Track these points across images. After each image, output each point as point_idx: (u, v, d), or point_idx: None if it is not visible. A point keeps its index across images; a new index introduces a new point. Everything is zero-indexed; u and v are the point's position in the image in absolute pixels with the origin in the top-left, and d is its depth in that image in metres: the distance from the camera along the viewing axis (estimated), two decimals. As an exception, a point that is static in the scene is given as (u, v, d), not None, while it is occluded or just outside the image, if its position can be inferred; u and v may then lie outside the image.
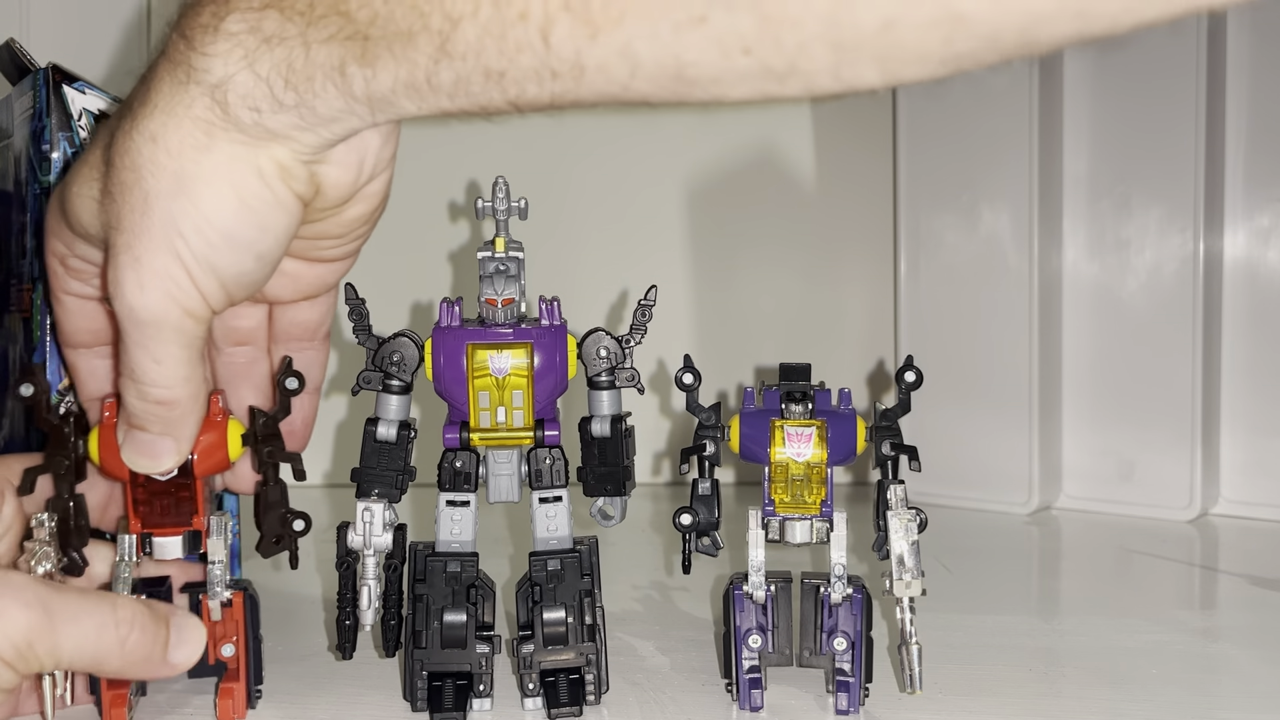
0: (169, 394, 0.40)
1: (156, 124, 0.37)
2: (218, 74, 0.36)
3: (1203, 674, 0.51)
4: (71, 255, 0.43)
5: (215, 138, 0.37)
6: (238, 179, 0.37)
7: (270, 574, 0.60)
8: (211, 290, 0.39)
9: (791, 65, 0.31)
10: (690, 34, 0.31)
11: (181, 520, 0.44)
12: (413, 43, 0.34)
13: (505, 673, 0.48)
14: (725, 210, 0.97)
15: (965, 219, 0.86)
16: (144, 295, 0.38)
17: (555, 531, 0.46)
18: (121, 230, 0.38)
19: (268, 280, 0.41)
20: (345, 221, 0.42)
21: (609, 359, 0.47)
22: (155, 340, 0.39)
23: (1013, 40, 0.29)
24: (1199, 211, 0.80)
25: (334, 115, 0.37)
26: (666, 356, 0.88)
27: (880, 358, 0.97)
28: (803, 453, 0.45)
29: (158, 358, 0.39)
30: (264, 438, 0.44)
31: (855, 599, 0.45)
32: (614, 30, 0.31)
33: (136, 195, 0.37)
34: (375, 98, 0.36)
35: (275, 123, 0.37)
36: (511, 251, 0.46)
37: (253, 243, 0.39)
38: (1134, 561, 0.72)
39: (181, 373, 0.40)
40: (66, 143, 0.50)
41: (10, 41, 0.55)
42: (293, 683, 0.48)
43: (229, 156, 0.37)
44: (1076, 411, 0.86)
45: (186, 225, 0.37)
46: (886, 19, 0.29)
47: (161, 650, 0.41)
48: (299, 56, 0.35)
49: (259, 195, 0.38)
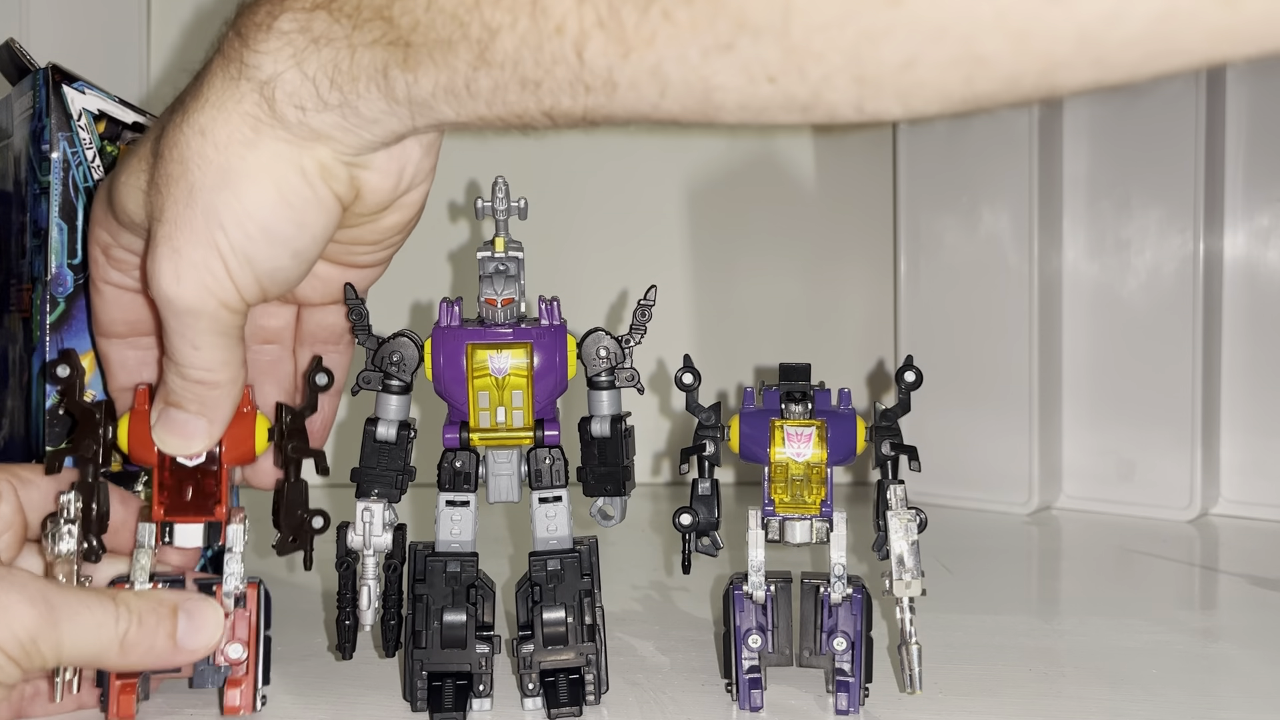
0: (210, 375, 0.42)
1: (206, 118, 0.38)
2: (267, 71, 0.37)
3: (1203, 674, 0.51)
4: (115, 245, 0.44)
5: (261, 134, 0.38)
6: (280, 176, 0.38)
7: (270, 574, 0.60)
8: (247, 283, 0.40)
9: (815, 96, 0.32)
10: (718, 60, 0.32)
11: (204, 509, 0.44)
12: (453, 50, 0.35)
13: (505, 673, 0.48)
14: (725, 210, 0.97)
15: (965, 219, 0.86)
16: (180, 286, 0.39)
17: (555, 531, 0.46)
18: (164, 221, 0.39)
19: (302, 278, 0.42)
20: (381, 229, 0.44)
21: (609, 359, 0.47)
22: (192, 329, 0.40)
23: (1032, 84, 0.30)
24: (1199, 211, 0.80)
25: (376, 117, 0.38)
26: (666, 356, 0.88)
27: (880, 358, 0.97)
28: (802, 453, 0.45)
29: (196, 345, 0.41)
30: (289, 433, 0.45)
31: (855, 599, 0.45)
32: (645, 50, 0.32)
33: (181, 187, 0.39)
34: (416, 101, 0.37)
35: (319, 122, 0.38)
36: (511, 251, 0.46)
37: (291, 239, 0.40)
38: (1134, 561, 0.72)
39: (220, 357, 0.41)
40: (66, 143, 0.50)
41: (10, 41, 0.54)
42: (293, 683, 0.48)
43: (273, 154, 0.38)
44: (1076, 411, 0.86)
45: (228, 218, 0.38)
46: (908, 58, 0.30)
47: (167, 640, 0.41)
48: (345, 58, 0.36)
49: (300, 193, 0.39)
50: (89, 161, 0.51)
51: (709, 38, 0.31)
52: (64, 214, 0.50)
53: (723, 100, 0.33)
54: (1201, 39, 0.28)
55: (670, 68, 0.32)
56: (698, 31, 0.31)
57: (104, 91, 0.52)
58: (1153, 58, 0.29)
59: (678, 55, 0.32)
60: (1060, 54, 0.29)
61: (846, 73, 0.31)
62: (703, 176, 0.96)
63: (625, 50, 0.32)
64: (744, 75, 0.32)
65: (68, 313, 0.50)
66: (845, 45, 0.30)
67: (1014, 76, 0.30)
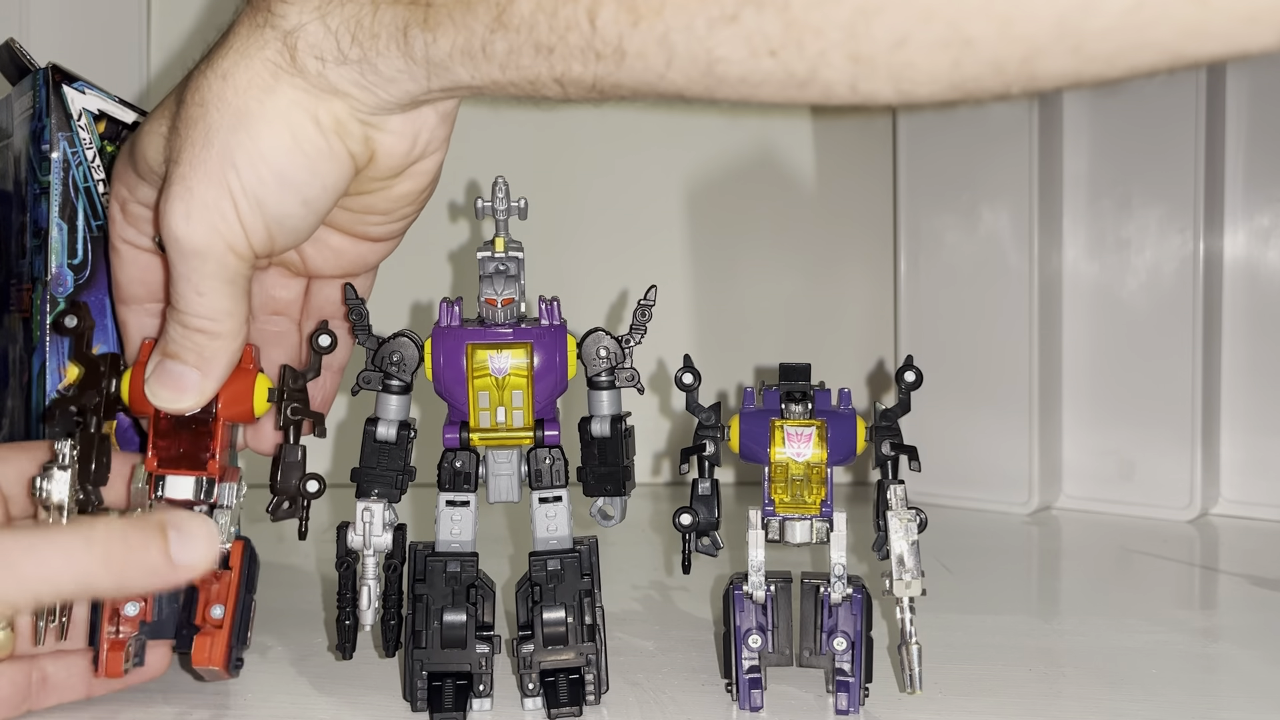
0: (211, 325, 0.42)
1: (229, 63, 0.39)
2: (292, 21, 0.38)
3: (1203, 674, 0.51)
4: (132, 200, 0.45)
5: (280, 81, 0.39)
6: (296, 122, 0.39)
7: (271, 574, 0.60)
8: (256, 228, 0.40)
9: (813, 72, 0.33)
10: (722, 30, 0.33)
11: (197, 463, 0.44)
12: (472, 12, 0.36)
13: (505, 673, 0.48)
14: (725, 210, 0.97)
15: (965, 219, 0.86)
16: (189, 225, 0.40)
17: (555, 531, 0.46)
18: (180, 162, 0.40)
19: (311, 232, 0.43)
20: (394, 197, 0.44)
21: (609, 359, 0.47)
22: (198, 272, 0.41)
23: (1015, 70, 0.31)
24: (1199, 211, 0.80)
25: (393, 75, 0.38)
26: (666, 356, 0.88)
27: (880, 358, 0.97)
28: (802, 453, 0.45)
29: (200, 290, 0.41)
30: (290, 394, 0.45)
31: (855, 599, 0.45)
32: (654, 19, 0.34)
33: (199, 129, 0.39)
34: (433, 61, 0.38)
35: (337, 76, 0.39)
36: (511, 251, 0.46)
37: (302, 186, 0.40)
38: (1134, 561, 0.72)
39: (224, 306, 0.42)
40: (66, 143, 0.50)
41: (10, 41, 0.55)
42: (293, 683, 0.48)
43: (291, 101, 0.39)
44: (1076, 411, 0.86)
45: (241, 158, 0.39)
46: (900, 36, 0.31)
47: (161, 556, 0.39)
48: (367, 15, 0.38)
49: (314, 141, 0.40)
50: (89, 161, 0.51)
51: (715, 9, 0.33)
52: (64, 214, 0.50)
53: (725, 73, 0.34)
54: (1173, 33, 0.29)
55: (677, 37, 0.34)
56: (704, 2, 0.33)
57: (104, 91, 0.52)
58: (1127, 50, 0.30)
59: (684, 25, 0.33)
60: (1040, 40, 0.30)
61: (842, 49, 0.32)
62: (703, 176, 0.96)
63: (635, 19, 0.34)
64: (746, 47, 0.33)
65: (68, 313, 0.50)
66: (841, 20, 0.31)
67: (998, 61, 0.31)
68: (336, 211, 0.45)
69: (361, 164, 0.41)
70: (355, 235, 0.46)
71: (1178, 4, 0.28)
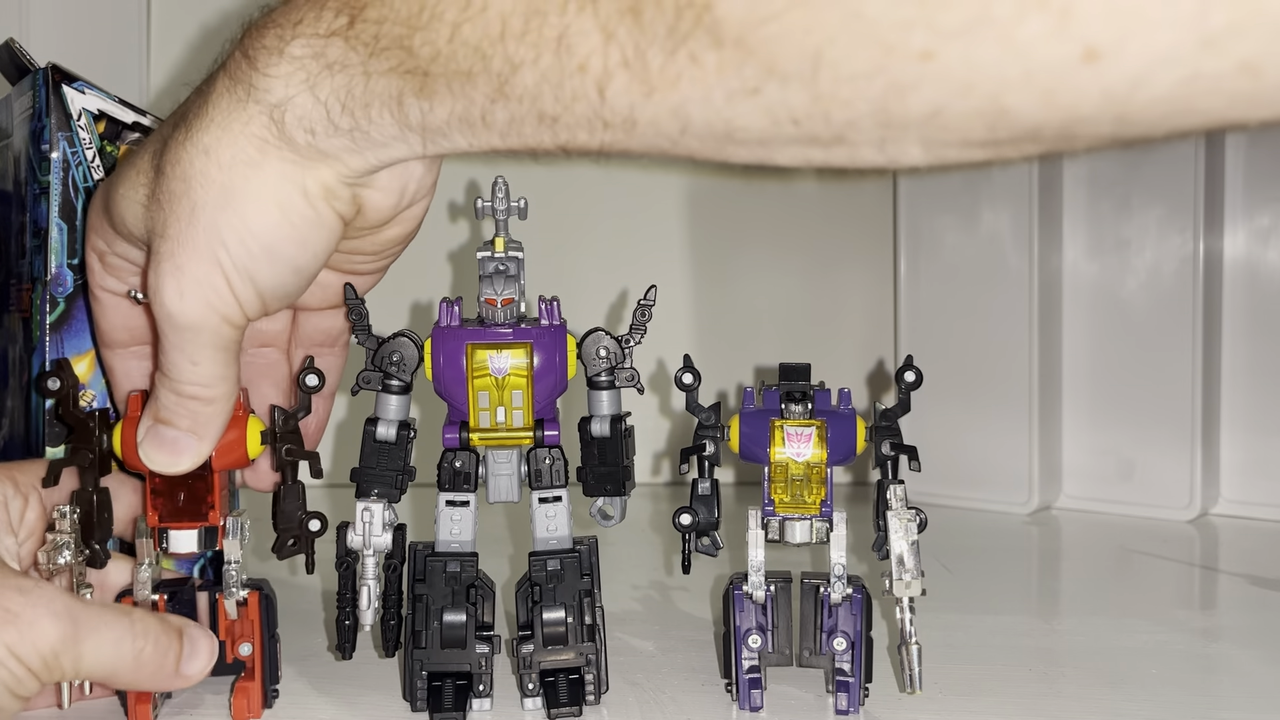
0: (205, 391, 0.42)
1: (211, 138, 0.38)
2: (278, 95, 0.37)
3: (1203, 674, 0.51)
4: (111, 253, 0.44)
5: (267, 155, 0.38)
6: (283, 197, 0.39)
7: (271, 574, 0.60)
8: (249, 299, 0.40)
9: (838, 137, 0.32)
10: (743, 103, 0.31)
11: (197, 515, 0.44)
12: (472, 82, 0.35)
13: (505, 673, 0.48)
14: (725, 210, 0.97)
15: (965, 219, 0.86)
16: (183, 302, 0.39)
17: (555, 531, 0.46)
18: (166, 238, 0.39)
19: (303, 292, 0.43)
20: (381, 241, 0.44)
21: (609, 359, 0.47)
22: (192, 344, 0.40)
23: (1053, 135, 0.30)
24: (1199, 211, 0.80)
25: (386, 141, 0.38)
26: (666, 356, 0.88)
27: (880, 358, 0.97)
28: (802, 453, 0.45)
29: (195, 360, 0.41)
30: (283, 436, 0.45)
31: (855, 599, 0.45)
32: (669, 91, 0.32)
33: (184, 205, 0.39)
34: (429, 128, 0.37)
35: (328, 145, 0.38)
36: (511, 251, 0.46)
37: (292, 258, 0.40)
38: (1134, 561, 0.72)
39: (217, 372, 0.41)
40: (66, 143, 0.50)
41: (10, 41, 0.54)
42: (293, 683, 0.48)
43: (278, 175, 0.38)
44: (1076, 411, 0.86)
45: (230, 236, 0.39)
46: (935, 108, 0.30)
47: (174, 662, 0.42)
48: (359, 84, 0.36)
49: (302, 213, 0.39)
50: (89, 161, 0.51)
51: (735, 82, 0.31)
52: (64, 214, 0.50)
53: (744, 139, 0.33)
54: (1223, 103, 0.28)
55: (693, 108, 0.32)
56: (724, 76, 0.31)
57: (104, 91, 0.52)
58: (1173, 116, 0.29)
59: (702, 97, 0.32)
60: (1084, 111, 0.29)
61: (872, 118, 0.31)
62: (703, 176, 0.96)
63: (648, 90, 0.32)
64: (768, 118, 0.31)
65: (68, 313, 0.50)
66: (873, 95, 0.30)
67: (1036, 128, 0.30)
68: None
69: (349, 219, 0.41)
70: (343, 271, 0.46)
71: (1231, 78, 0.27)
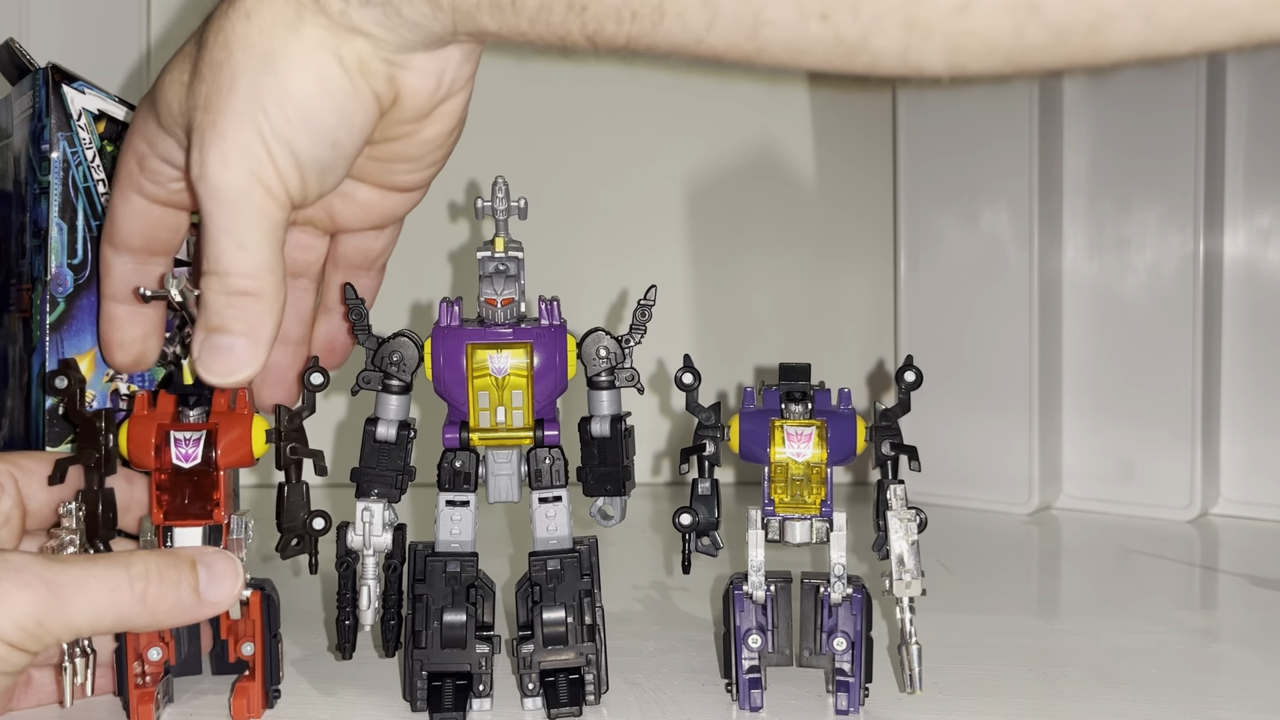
0: (254, 284, 0.40)
1: (252, 2, 0.38)
2: None
3: (1203, 674, 0.51)
4: (152, 154, 0.44)
5: (304, 19, 0.38)
6: (321, 63, 0.38)
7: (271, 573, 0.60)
8: (289, 171, 0.39)
9: (863, 38, 0.31)
10: None
11: (202, 513, 0.44)
12: None
13: (505, 673, 0.48)
14: (725, 210, 0.97)
15: (965, 219, 0.86)
16: (228, 171, 0.39)
17: (555, 531, 0.46)
18: (208, 109, 0.39)
19: (341, 179, 0.42)
20: (421, 142, 0.43)
21: (609, 359, 0.47)
22: (239, 222, 0.39)
23: (1080, 39, 0.29)
24: (1199, 211, 0.80)
25: (417, 20, 0.38)
26: (666, 356, 0.88)
27: (880, 358, 0.97)
28: (802, 453, 0.45)
29: (243, 242, 0.40)
30: (288, 434, 0.45)
31: (855, 599, 0.45)
32: None
33: (225, 72, 0.39)
34: (459, 8, 0.37)
35: (360, 17, 0.38)
36: (511, 251, 0.46)
37: (330, 129, 0.39)
38: (1134, 561, 0.72)
39: (266, 260, 0.40)
40: (66, 143, 0.50)
41: (10, 41, 0.54)
42: (292, 683, 0.48)
43: (315, 41, 0.38)
44: (1076, 411, 0.86)
45: (269, 101, 0.38)
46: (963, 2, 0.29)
47: (191, 593, 0.41)
48: None
49: (339, 83, 0.39)
50: (89, 161, 0.51)
51: None
52: (64, 214, 0.50)
53: (770, 36, 0.32)
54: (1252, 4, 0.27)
55: None
56: None
57: (104, 91, 0.52)
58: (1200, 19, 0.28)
59: None
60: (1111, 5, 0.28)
61: (899, 14, 0.30)
62: (703, 176, 0.96)
63: None
64: (796, 10, 0.31)
65: (68, 313, 0.50)
66: None
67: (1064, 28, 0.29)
68: (364, 162, 0.44)
69: (386, 104, 0.40)
70: (384, 186, 0.46)
71: None
